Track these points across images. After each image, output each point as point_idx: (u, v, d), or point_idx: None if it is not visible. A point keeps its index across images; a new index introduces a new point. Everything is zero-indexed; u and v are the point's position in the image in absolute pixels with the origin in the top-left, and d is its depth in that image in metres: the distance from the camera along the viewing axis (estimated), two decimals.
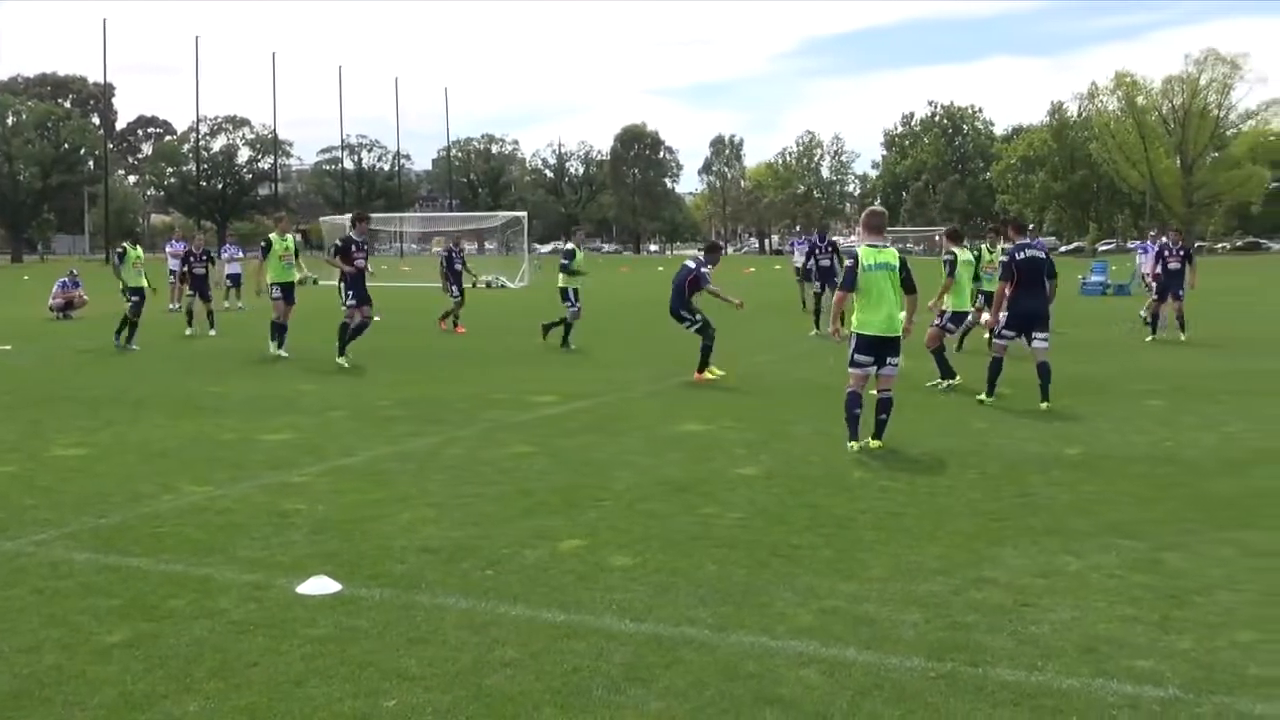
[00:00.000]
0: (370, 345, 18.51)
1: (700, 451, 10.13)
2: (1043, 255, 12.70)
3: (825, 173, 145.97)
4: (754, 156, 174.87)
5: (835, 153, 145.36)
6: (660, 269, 70.29)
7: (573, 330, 19.83)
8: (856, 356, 10.06)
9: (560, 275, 20.02)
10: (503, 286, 45.46)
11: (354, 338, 16.67)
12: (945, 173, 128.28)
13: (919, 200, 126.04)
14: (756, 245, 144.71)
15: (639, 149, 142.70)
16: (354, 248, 16.77)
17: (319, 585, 6.15)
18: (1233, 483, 8.78)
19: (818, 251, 22.12)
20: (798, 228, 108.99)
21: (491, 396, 13.56)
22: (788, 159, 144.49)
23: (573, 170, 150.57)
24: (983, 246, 18.38)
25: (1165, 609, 5.80)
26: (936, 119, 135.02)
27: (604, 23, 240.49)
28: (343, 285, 16.89)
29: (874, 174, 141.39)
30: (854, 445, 10.00)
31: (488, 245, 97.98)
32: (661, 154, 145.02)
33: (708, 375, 15.12)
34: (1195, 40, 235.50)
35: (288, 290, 18.19)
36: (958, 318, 14.70)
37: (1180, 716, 4.54)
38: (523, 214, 55.96)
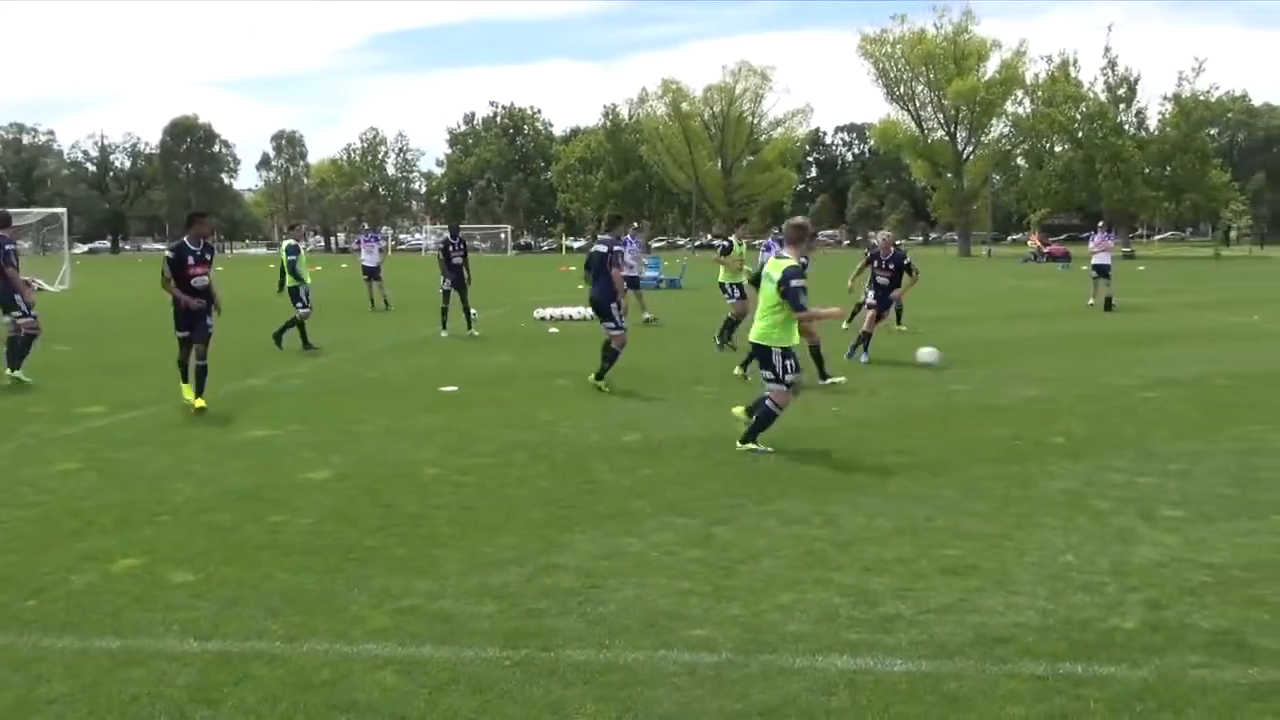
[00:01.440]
0: None
1: (266, 457, 9.77)
2: (603, 250, 13.45)
3: (391, 170, 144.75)
4: (318, 152, 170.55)
5: (400, 150, 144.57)
6: (219, 268, 66.70)
7: (307, 330, 18.93)
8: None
9: (288, 276, 19.15)
10: (40, 289, 41.48)
11: (26, 350, 14.59)
12: (509, 171, 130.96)
13: (483, 198, 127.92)
14: (322, 243, 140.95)
15: (191, 143, 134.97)
16: (13, 253, 14.48)
17: None
18: (771, 459, 9.59)
19: (450, 249, 21.52)
20: (365, 225, 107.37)
21: (30, 409, 12.37)
22: (352, 155, 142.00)
23: (119, 164, 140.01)
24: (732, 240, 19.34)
25: (717, 579, 6.27)
26: (498, 119, 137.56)
27: (151, 7, 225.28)
28: (15, 295, 14.48)
29: (439, 172, 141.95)
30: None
31: (21, 244, 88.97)
32: (217, 148, 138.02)
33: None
34: (730, 52, 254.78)
35: None
36: None
37: (732, 676, 4.93)
38: (61, 210, 51.32)
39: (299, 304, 19.07)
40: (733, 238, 19.38)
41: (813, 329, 13.37)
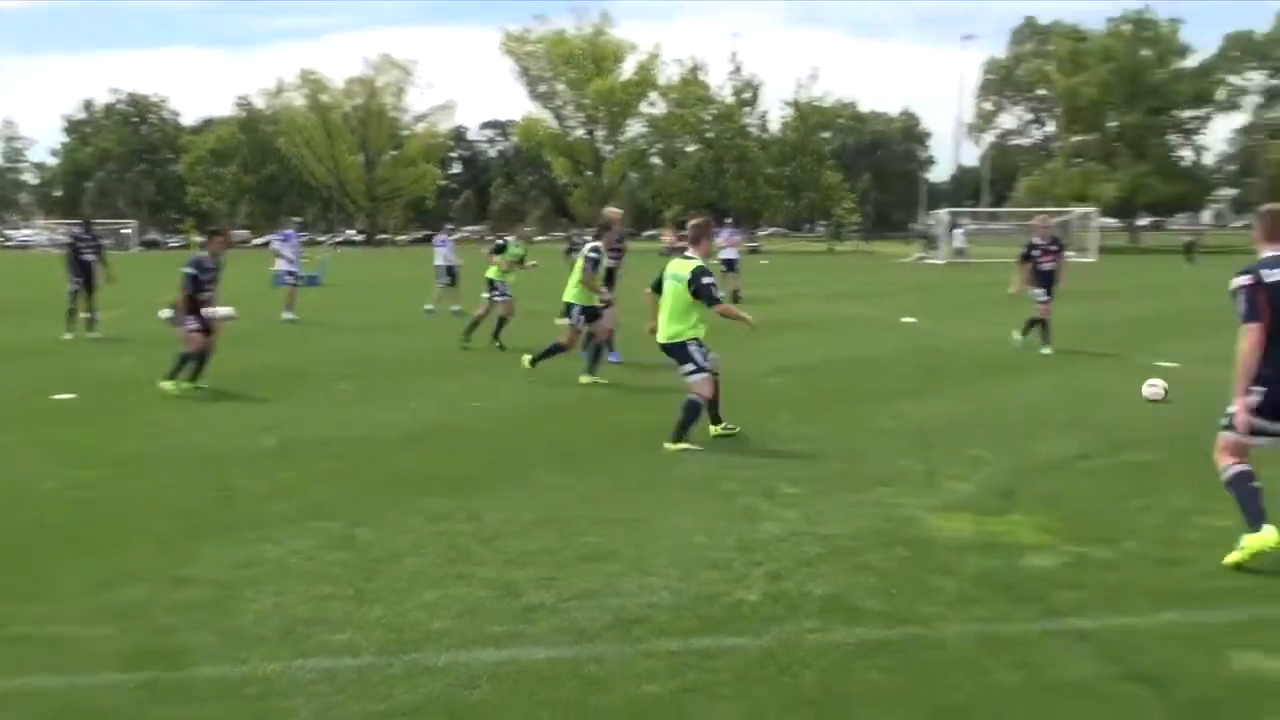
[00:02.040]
0: None
1: None
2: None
3: None
4: None
5: (8, 138, 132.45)
6: None
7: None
8: None
9: None
10: None
11: None
12: (132, 162, 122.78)
13: (104, 190, 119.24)
14: None
15: None
16: None
17: None
18: (415, 456, 9.55)
19: (80, 245, 19.96)
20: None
21: None
22: None
23: None
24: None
25: (359, 582, 6.16)
26: (120, 106, 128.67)
27: None
28: None
29: (55, 162, 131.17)
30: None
31: None
32: None
33: None
34: (372, 45, 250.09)
35: None
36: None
37: (374, 679, 4.86)
38: None
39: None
40: (510, 237, 18.31)
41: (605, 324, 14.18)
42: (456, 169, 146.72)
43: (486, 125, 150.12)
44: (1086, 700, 4.61)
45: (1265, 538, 6.10)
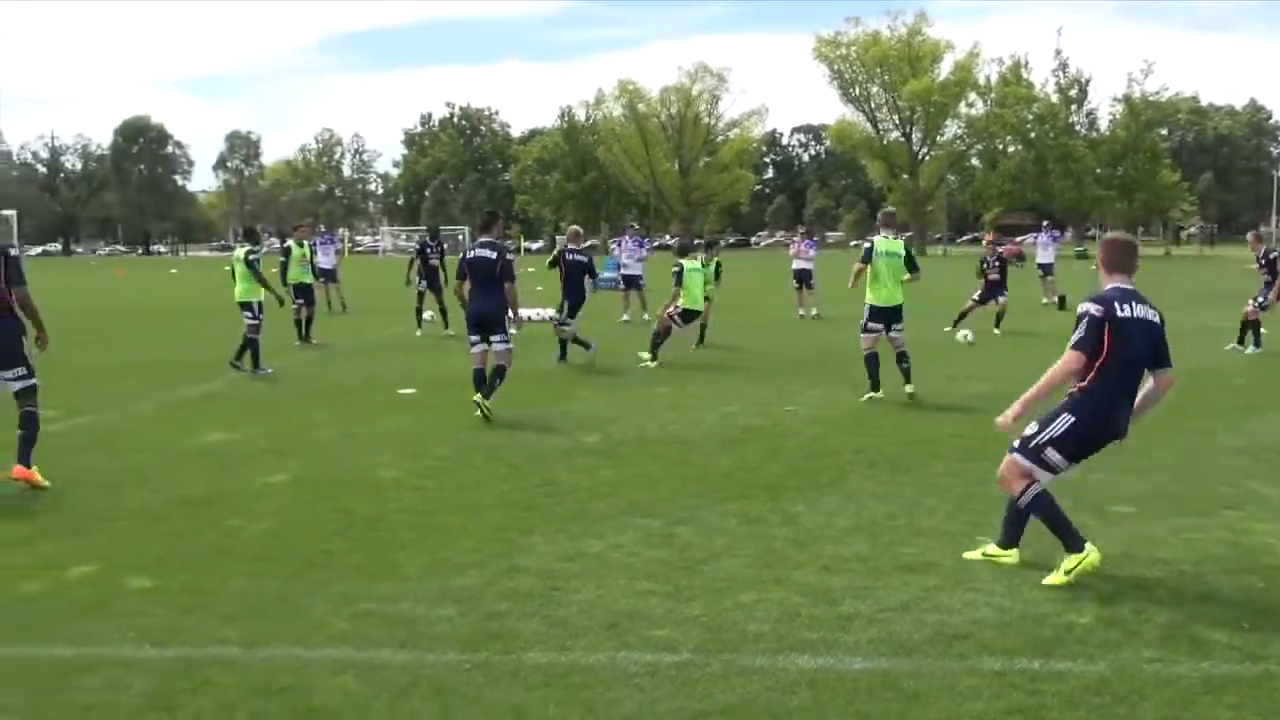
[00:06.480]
0: None
1: (223, 462, 9.67)
2: (493, 255, 11.88)
3: (346, 171, 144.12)
4: (273, 153, 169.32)
5: (356, 151, 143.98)
6: (173, 271, 66.21)
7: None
8: (869, 324, 12.78)
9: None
10: None
11: None
12: (464, 172, 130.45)
13: (439, 199, 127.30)
14: (279, 244, 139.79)
15: (144, 144, 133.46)
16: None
17: None
18: (731, 458, 9.64)
19: (429, 251, 22.18)
20: (321, 227, 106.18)
21: None
22: (308, 156, 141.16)
23: (69, 166, 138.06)
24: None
25: (678, 579, 6.27)
26: (454, 119, 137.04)
27: (99, 5, 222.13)
28: None
29: (396, 173, 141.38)
30: (873, 395, 12.70)
31: None
32: (170, 149, 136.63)
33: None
34: (686, 54, 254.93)
35: None
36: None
37: (693, 676, 4.94)
38: (10, 213, 50.70)
39: (247, 315, 15.72)
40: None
41: None
42: (770, 174, 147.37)
43: (799, 129, 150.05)
44: None
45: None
